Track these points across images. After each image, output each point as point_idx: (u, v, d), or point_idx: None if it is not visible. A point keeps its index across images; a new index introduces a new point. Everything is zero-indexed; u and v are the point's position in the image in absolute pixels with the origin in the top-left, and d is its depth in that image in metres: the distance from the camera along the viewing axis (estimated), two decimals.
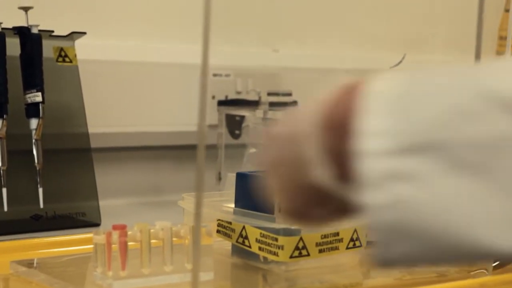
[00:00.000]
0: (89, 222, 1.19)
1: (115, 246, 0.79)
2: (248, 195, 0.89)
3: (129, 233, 0.80)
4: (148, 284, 0.81)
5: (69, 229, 1.14)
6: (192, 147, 0.70)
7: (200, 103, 0.65)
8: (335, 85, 0.53)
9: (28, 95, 1.12)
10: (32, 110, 1.12)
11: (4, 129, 1.11)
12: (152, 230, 0.81)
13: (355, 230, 0.90)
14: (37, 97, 1.11)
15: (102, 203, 1.20)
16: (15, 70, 1.12)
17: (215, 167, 1.35)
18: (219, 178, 1.34)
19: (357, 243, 0.91)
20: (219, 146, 1.35)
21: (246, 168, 1.07)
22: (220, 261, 0.93)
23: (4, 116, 1.11)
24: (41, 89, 1.12)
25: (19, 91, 1.12)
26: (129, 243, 0.80)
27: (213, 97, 1.39)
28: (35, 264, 0.91)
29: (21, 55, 1.13)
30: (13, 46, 1.12)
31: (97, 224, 1.19)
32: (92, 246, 0.84)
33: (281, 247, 0.85)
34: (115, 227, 0.79)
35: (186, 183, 0.85)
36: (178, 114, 1.39)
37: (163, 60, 1.39)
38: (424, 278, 0.92)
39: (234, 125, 1.39)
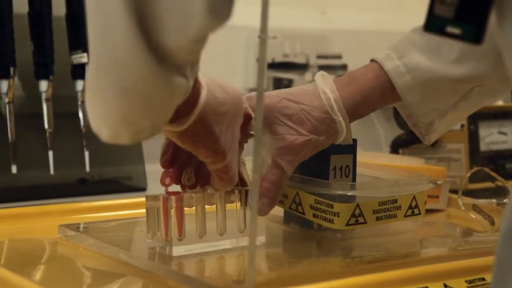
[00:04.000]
0: (135, 186, 1.17)
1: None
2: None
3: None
4: (204, 249, 0.78)
5: (115, 193, 1.12)
6: None
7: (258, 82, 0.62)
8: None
9: (74, 56, 1.10)
10: (78, 71, 1.10)
11: (50, 90, 1.09)
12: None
13: (414, 197, 0.86)
14: (83, 58, 1.08)
15: (149, 167, 1.17)
16: (61, 30, 1.10)
17: None
18: None
19: (416, 211, 0.87)
20: None
21: None
22: (272, 228, 0.90)
23: (50, 77, 1.09)
24: (87, 50, 1.09)
25: (65, 52, 1.10)
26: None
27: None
28: (81, 228, 0.89)
29: (67, 14, 1.11)
30: (60, 6, 1.10)
31: (143, 189, 1.17)
32: (140, 211, 0.81)
33: (337, 214, 0.82)
34: (170, 193, 0.77)
35: None
36: (224, 77, 1.36)
37: None
38: (481, 248, 0.89)
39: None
